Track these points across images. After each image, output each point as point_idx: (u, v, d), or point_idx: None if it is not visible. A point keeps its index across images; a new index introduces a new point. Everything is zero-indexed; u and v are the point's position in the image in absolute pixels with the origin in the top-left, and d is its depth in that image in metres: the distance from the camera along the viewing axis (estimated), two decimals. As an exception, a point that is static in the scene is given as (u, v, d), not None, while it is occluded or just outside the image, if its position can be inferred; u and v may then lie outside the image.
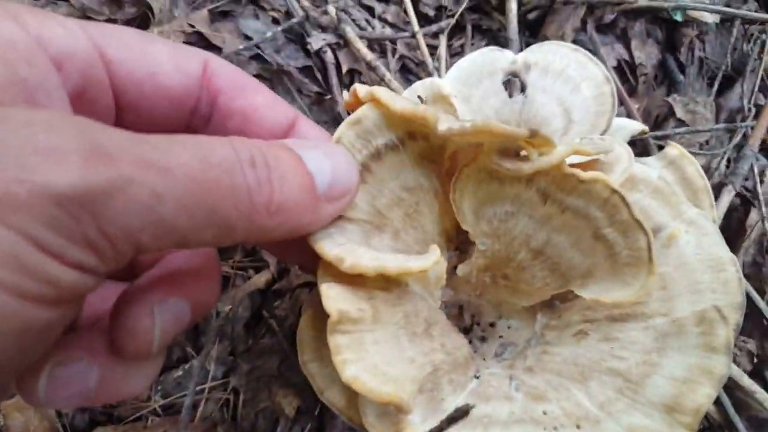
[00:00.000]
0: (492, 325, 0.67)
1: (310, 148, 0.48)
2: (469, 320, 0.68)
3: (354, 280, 0.52)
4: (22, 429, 0.76)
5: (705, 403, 0.45)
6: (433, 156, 0.59)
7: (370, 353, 0.50)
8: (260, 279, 0.78)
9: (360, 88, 0.55)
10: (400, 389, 0.47)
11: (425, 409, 0.51)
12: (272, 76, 1.03)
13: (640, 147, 0.86)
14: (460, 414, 0.42)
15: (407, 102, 0.55)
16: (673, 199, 0.58)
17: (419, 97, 0.66)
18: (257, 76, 1.01)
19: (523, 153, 0.54)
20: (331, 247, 0.51)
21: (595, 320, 0.56)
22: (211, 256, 0.53)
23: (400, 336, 0.53)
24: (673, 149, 0.65)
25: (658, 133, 0.84)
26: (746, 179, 0.85)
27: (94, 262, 0.35)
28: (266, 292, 0.82)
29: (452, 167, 0.61)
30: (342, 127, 0.54)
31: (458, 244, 0.66)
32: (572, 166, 0.57)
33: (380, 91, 0.54)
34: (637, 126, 0.69)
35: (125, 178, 0.34)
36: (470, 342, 0.66)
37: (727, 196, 0.79)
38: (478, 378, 0.57)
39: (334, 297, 0.50)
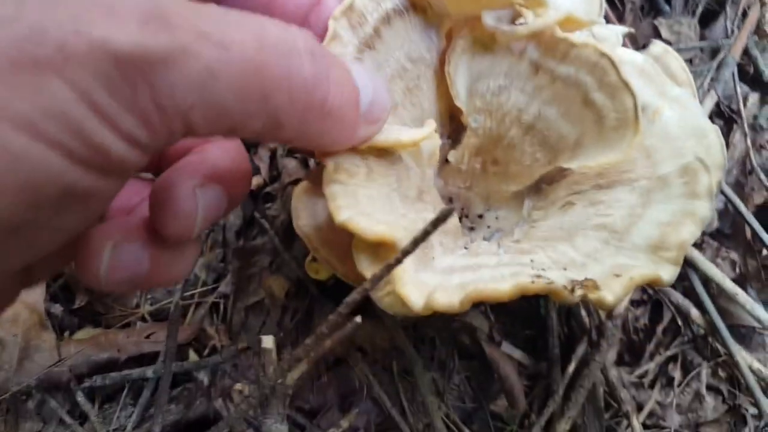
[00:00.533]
0: (480, 216, 0.68)
1: (354, 62, 0.46)
2: (458, 212, 0.69)
3: (351, 150, 0.53)
4: (11, 321, 0.75)
5: (688, 238, 0.46)
6: (432, 31, 0.60)
7: (363, 204, 0.50)
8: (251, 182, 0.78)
9: None
10: (393, 229, 0.48)
11: (416, 265, 0.52)
12: None
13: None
14: (444, 215, 0.41)
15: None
16: (658, 80, 0.59)
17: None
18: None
19: (519, 21, 0.55)
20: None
21: (582, 191, 0.57)
22: (242, 151, 0.52)
23: (393, 196, 0.54)
24: (657, 46, 0.67)
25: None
26: (730, 104, 0.87)
27: (144, 136, 0.33)
28: (257, 196, 0.82)
29: (448, 46, 0.61)
30: None
31: (450, 132, 0.67)
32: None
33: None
34: (621, 29, 0.71)
35: (182, 47, 0.31)
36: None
37: (710, 101, 0.81)
38: (467, 249, 0.58)
39: (331, 154, 0.51)
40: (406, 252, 0.43)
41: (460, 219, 0.69)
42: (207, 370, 0.77)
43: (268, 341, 0.57)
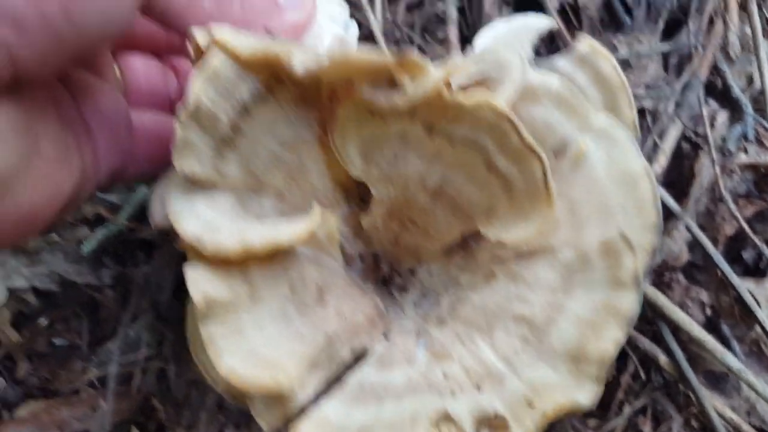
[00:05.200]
0: (412, 272, 0.62)
1: None
2: (387, 269, 0.62)
3: (225, 266, 0.46)
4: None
5: (611, 349, 0.40)
6: (310, 100, 0.51)
7: (249, 337, 0.45)
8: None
9: (197, 35, 0.46)
10: (279, 373, 0.43)
11: (323, 385, 0.47)
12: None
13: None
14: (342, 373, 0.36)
15: (256, 40, 0.47)
16: (580, 108, 0.51)
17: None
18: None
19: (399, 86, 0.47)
20: (190, 223, 0.45)
21: (504, 259, 0.51)
22: None
23: (288, 310, 0.48)
24: (583, 44, 0.57)
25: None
26: (696, 125, 0.76)
27: None
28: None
29: (334, 109, 0.53)
30: (197, 84, 0.45)
31: (362, 193, 0.59)
32: (465, 86, 0.49)
33: (221, 33, 0.46)
34: (545, 23, 0.60)
35: None
36: (390, 293, 0.61)
37: (675, 131, 0.71)
38: (386, 337, 0.52)
39: (198, 281, 0.44)
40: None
41: (392, 277, 0.63)
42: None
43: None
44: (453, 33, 0.84)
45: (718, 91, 0.80)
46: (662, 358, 0.63)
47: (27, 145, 0.41)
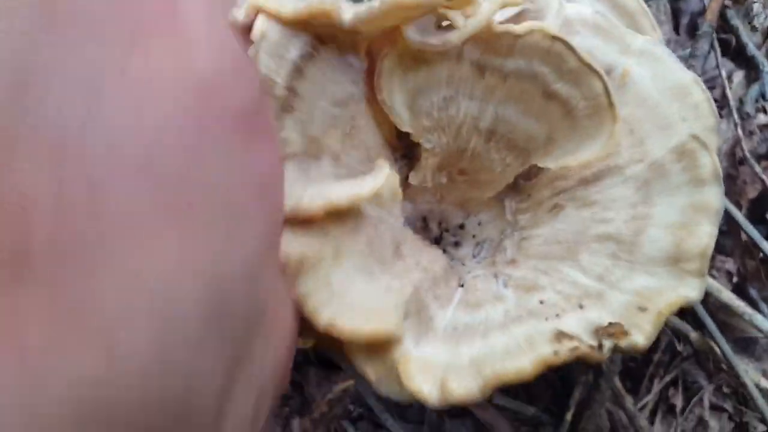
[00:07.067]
0: (461, 227, 0.62)
1: None
2: (436, 229, 0.62)
3: (305, 221, 0.45)
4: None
5: (708, 242, 0.41)
6: (351, 57, 0.51)
7: (342, 291, 0.44)
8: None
9: (237, 12, 0.45)
10: (382, 321, 0.42)
11: (416, 333, 0.46)
12: None
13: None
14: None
15: (298, 1, 0.46)
16: (617, 33, 0.51)
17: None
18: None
19: (446, 23, 0.46)
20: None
21: (568, 189, 0.51)
22: None
23: (370, 264, 0.47)
24: (599, -21, 0.58)
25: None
26: (711, 88, 0.76)
27: None
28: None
29: (372, 65, 0.52)
30: (251, 52, 0.44)
31: (404, 150, 0.59)
32: (503, 23, 0.49)
33: (262, 1, 0.45)
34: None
35: None
36: (444, 251, 0.61)
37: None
38: (463, 286, 0.52)
39: (285, 243, 0.43)
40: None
41: (441, 235, 0.62)
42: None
43: None
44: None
45: (732, 49, 0.79)
46: (692, 334, 0.65)
47: None
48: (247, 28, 0.46)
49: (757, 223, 0.75)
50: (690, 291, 0.40)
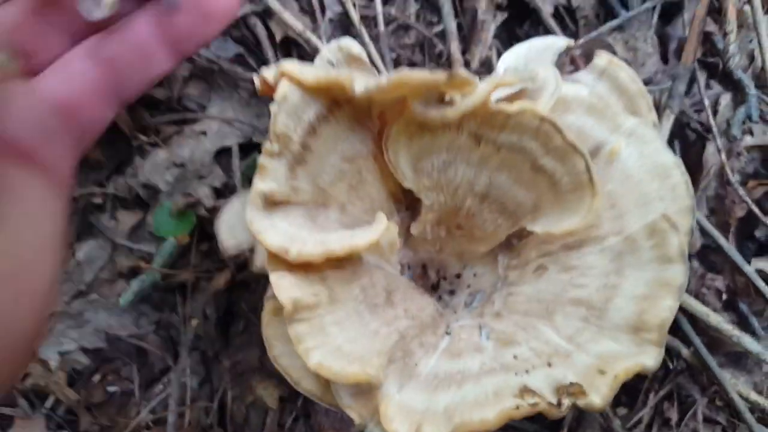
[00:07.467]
0: (458, 276, 0.66)
1: None
2: (434, 276, 0.67)
3: (305, 265, 0.50)
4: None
5: (668, 316, 0.44)
6: (363, 119, 0.57)
7: (332, 335, 0.49)
8: (219, 281, 0.76)
9: (266, 73, 0.52)
10: (366, 366, 0.46)
11: (400, 377, 0.51)
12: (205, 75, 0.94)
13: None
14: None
15: (319, 70, 0.52)
16: (609, 113, 0.56)
17: (330, 62, 0.63)
18: (191, 76, 0.92)
19: (448, 98, 0.52)
20: (274, 236, 0.49)
21: (552, 252, 0.55)
22: None
23: (361, 310, 0.52)
24: (601, 59, 0.63)
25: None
26: (699, 111, 0.78)
27: None
28: (232, 290, 0.80)
29: (383, 127, 0.58)
30: (273, 109, 0.51)
31: (408, 203, 0.64)
32: (502, 100, 0.55)
33: (288, 67, 0.51)
34: (561, 42, 0.67)
35: None
36: (440, 298, 0.65)
37: (667, 122, 0.73)
38: (449, 334, 0.56)
39: (286, 287, 0.48)
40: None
41: (438, 283, 0.67)
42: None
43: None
44: (455, 47, 0.81)
45: (719, 72, 0.81)
46: (684, 351, 0.67)
47: None
48: (272, 89, 0.53)
49: (747, 240, 0.77)
50: (647, 359, 0.43)
